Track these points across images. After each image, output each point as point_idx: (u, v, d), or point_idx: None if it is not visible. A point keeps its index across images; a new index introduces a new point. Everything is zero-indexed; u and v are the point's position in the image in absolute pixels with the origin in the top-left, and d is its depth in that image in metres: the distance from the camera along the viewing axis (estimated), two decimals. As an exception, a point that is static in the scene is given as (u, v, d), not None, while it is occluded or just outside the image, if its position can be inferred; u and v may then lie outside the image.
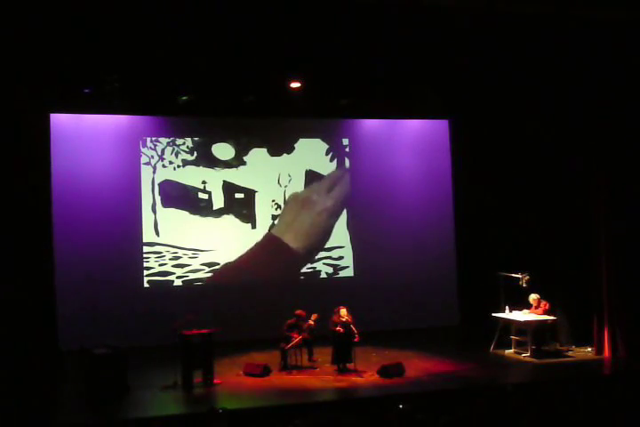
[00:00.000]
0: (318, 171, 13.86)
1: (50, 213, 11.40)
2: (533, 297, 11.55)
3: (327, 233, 13.90)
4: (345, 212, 13.98)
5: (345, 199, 13.96)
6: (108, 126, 12.69)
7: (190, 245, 13.07)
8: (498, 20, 9.81)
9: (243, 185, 13.45)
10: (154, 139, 13.02)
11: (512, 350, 11.55)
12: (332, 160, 13.96)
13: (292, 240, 13.67)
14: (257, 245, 13.43)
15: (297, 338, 10.55)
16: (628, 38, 10.35)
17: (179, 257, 13.02)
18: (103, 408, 9.14)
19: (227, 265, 13.25)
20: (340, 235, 13.91)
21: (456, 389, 9.38)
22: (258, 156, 13.55)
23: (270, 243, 13.47)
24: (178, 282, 13.01)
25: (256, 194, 13.51)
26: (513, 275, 11.55)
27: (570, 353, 11.51)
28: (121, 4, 8.97)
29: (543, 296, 11.56)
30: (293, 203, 13.70)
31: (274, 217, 13.61)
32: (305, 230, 13.74)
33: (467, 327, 13.19)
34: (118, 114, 12.51)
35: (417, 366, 10.74)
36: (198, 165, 13.23)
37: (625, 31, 10.24)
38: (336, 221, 13.93)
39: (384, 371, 10.16)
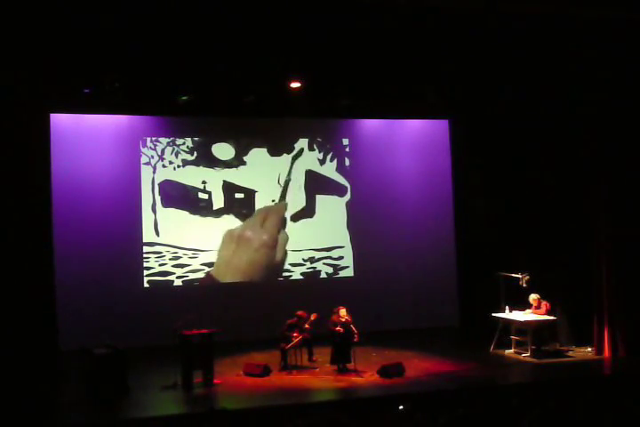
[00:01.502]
0: (318, 171, 13.86)
1: (50, 213, 11.39)
2: (533, 297, 11.54)
3: (274, 266, 13.42)
4: (345, 212, 13.98)
5: (280, 229, 13.46)
6: (107, 126, 12.69)
7: (190, 245, 13.06)
8: (498, 20, 9.82)
9: (243, 185, 13.44)
10: (154, 139, 13.02)
11: (512, 350, 11.54)
12: (332, 160, 13.95)
13: (232, 280, 13.22)
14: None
15: (297, 338, 10.55)
16: (628, 38, 10.36)
17: (179, 257, 13.01)
18: (103, 408, 9.14)
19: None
20: (340, 235, 13.90)
21: (456, 389, 9.36)
22: (258, 156, 13.53)
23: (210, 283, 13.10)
24: (178, 282, 13.00)
25: (256, 194, 13.49)
26: (513, 275, 11.55)
27: (570, 353, 11.51)
28: (121, 4, 8.97)
29: (543, 296, 11.56)
30: (228, 241, 13.21)
31: (274, 217, 13.64)
32: (244, 269, 13.28)
33: (467, 327, 13.19)
34: (118, 114, 12.52)
35: (417, 366, 10.74)
36: (198, 165, 13.22)
37: (625, 31, 10.24)
38: (282, 255, 13.46)
39: (384, 371, 10.15)
